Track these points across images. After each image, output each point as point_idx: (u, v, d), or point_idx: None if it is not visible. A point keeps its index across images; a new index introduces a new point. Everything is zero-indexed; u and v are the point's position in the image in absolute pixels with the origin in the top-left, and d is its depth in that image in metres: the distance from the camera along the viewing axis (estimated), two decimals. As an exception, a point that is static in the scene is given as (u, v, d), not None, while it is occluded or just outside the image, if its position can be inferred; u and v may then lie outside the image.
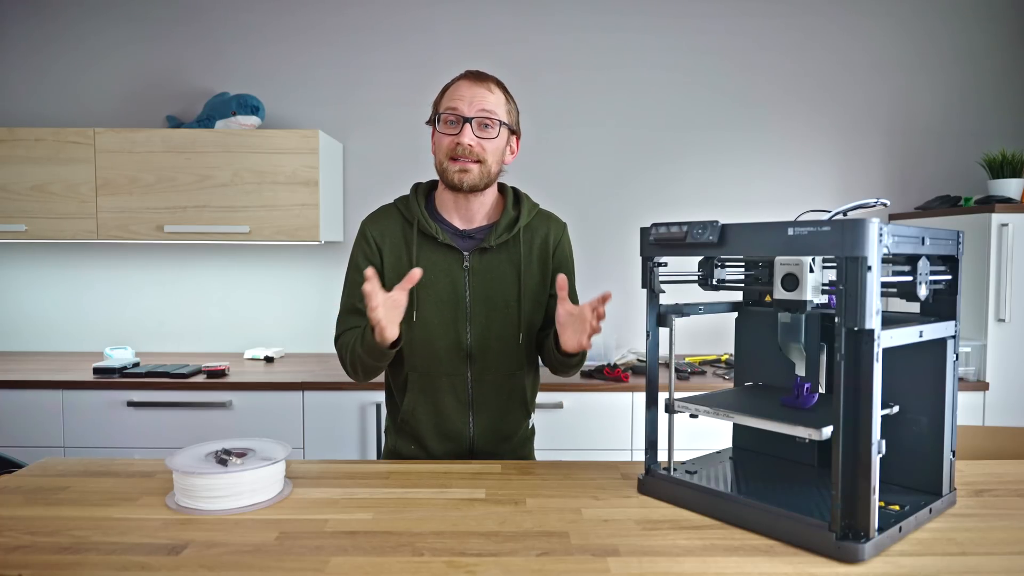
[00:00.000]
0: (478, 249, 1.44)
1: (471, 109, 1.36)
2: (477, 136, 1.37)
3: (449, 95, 1.39)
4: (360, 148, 2.99)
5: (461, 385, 1.46)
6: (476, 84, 1.38)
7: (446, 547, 0.97)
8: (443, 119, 1.39)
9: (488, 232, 1.45)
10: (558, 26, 2.98)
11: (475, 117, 1.36)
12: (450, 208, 1.46)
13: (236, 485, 1.10)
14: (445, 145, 1.38)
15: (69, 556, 0.94)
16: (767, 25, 2.99)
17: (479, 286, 1.44)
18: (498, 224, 1.45)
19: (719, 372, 2.64)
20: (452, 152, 1.37)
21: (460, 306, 1.43)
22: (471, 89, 1.38)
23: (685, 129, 3.01)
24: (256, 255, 3.01)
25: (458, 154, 1.36)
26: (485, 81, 1.40)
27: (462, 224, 1.46)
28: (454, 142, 1.36)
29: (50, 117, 2.97)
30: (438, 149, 1.40)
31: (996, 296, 2.44)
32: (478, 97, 1.37)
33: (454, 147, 1.36)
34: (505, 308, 1.45)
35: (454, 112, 1.37)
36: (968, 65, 3.01)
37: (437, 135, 1.41)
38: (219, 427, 2.39)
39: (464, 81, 1.39)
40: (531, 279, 1.47)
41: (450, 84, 1.42)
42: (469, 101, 1.36)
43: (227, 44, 2.97)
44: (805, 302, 1.01)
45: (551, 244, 1.50)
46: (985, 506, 1.13)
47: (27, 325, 3.02)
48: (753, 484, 1.13)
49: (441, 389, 1.46)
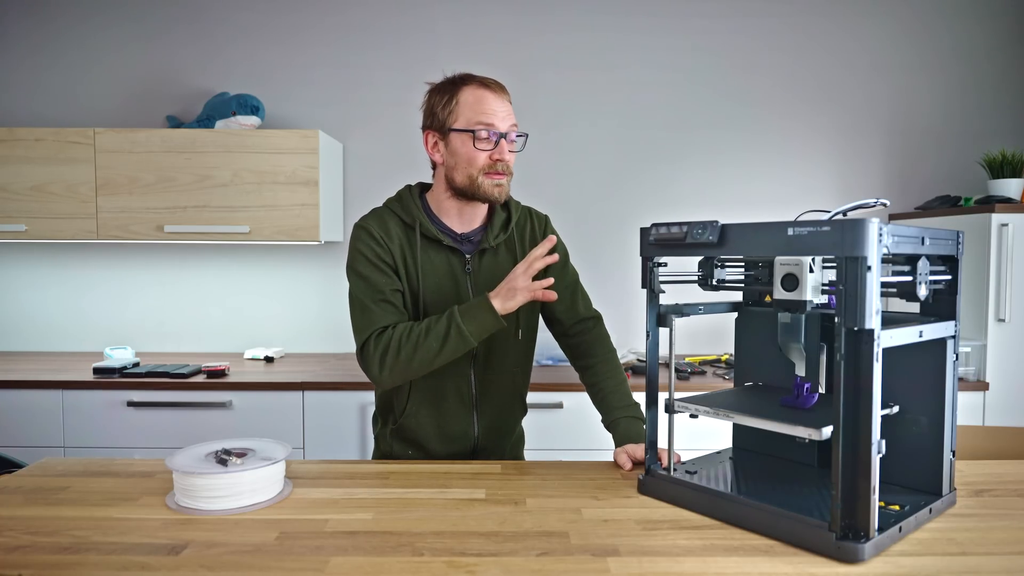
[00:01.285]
0: (478, 251, 1.45)
1: (505, 124, 1.36)
2: (510, 151, 1.38)
3: (477, 108, 1.35)
4: (360, 148, 2.99)
5: (465, 386, 1.46)
6: (502, 97, 1.38)
7: (446, 547, 0.97)
8: (478, 135, 1.35)
9: (484, 233, 1.46)
10: (558, 26, 2.98)
11: (509, 132, 1.37)
12: (451, 213, 1.45)
13: (236, 485, 1.10)
14: (481, 161, 1.36)
15: (69, 556, 0.94)
16: (767, 25, 2.99)
17: (481, 286, 1.44)
18: (493, 225, 1.46)
19: (719, 372, 2.64)
20: (490, 167, 1.36)
21: None
22: (500, 103, 1.36)
23: (685, 129, 3.01)
24: (256, 255, 3.01)
25: (498, 170, 1.36)
26: (504, 90, 1.39)
27: (460, 228, 1.46)
28: (493, 158, 1.36)
29: (50, 117, 2.97)
30: (470, 163, 1.36)
31: (996, 296, 2.44)
32: (507, 110, 1.37)
33: (492, 163, 1.36)
34: None
35: (492, 128, 1.35)
36: (968, 65, 3.01)
37: (466, 148, 1.36)
38: (219, 427, 2.39)
39: (489, 93, 1.36)
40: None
41: (460, 91, 1.37)
42: (503, 116, 1.36)
43: (227, 44, 2.97)
44: (805, 302, 1.00)
45: (539, 237, 1.52)
46: (985, 506, 1.13)
47: (27, 325, 3.02)
48: (753, 484, 1.13)
49: (445, 391, 1.45)
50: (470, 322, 1.29)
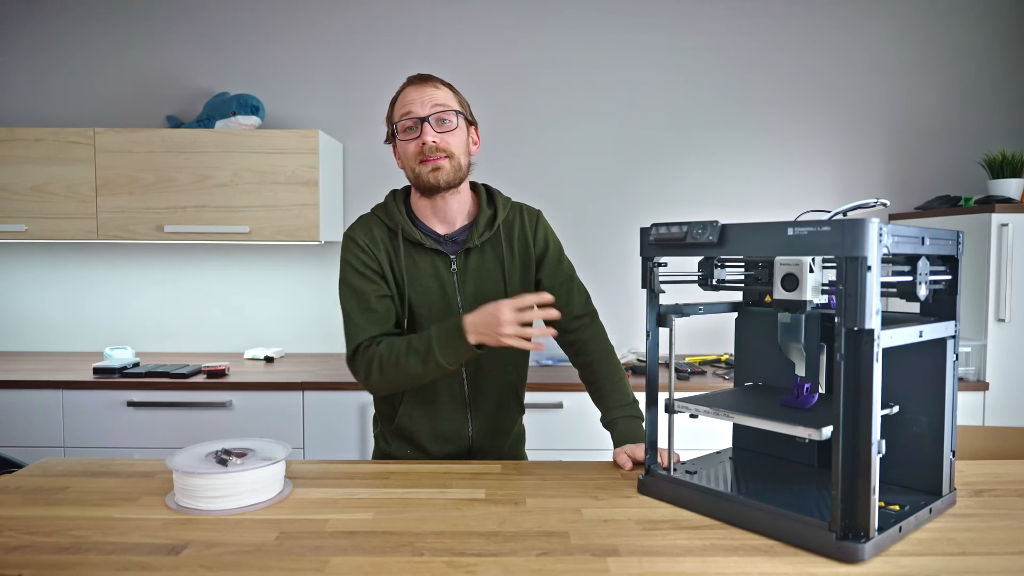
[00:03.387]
0: (463, 250, 1.44)
1: (424, 108, 1.36)
2: (438, 132, 1.37)
3: (400, 104, 1.40)
4: (360, 148, 2.99)
5: (458, 386, 1.47)
6: (422, 85, 1.39)
7: (446, 547, 0.97)
8: (401, 127, 1.38)
9: (469, 232, 1.45)
10: (557, 26, 2.98)
11: (431, 114, 1.36)
12: (429, 214, 1.45)
13: (236, 485, 1.10)
14: (411, 151, 1.38)
15: (69, 556, 0.94)
16: (767, 25, 2.99)
17: (468, 286, 1.44)
18: (477, 223, 1.45)
19: (719, 372, 2.64)
20: (420, 155, 1.37)
21: (452, 308, 1.44)
22: (419, 91, 1.38)
23: (685, 129, 3.01)
24: (256, 255, 3.01)
25: (426, 154, 1.36)
26: (430, 80, 1.40)
27: (443, 229, 1.46)
28: (419, 144, 1.36)
29: (50, 117, 2.97)
30: (405, 158, 1.40)
31: (996, 296, 2.44)
32: (427, 95, 1.37)
33: (420, 149, 1.36)
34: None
35: (409, 116, 1.37)
36: (968, 65, 3.01)
37: (400, 145, 1.40)
38: (219, 427, 2.39)
39: (409, 87, 1.40)
40: (515, 272, 1.47)
41: (396, 96, 1.42)
42: (421, 102, 1.36)
43: (227, 44, 2.97)
44: (805, 302, 1.01)
45: (529, 233, 1.50)
46: (985, 506, 1.13)
47: (27, 325, 3.02)
48: (753, 484, 1.13)
49: (438, 392, 1.46)
50: (447, 353, 1.29)
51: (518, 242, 1.49)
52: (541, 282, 1.50)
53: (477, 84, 2.85)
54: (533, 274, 1.50)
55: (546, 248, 1.51)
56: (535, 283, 1.51)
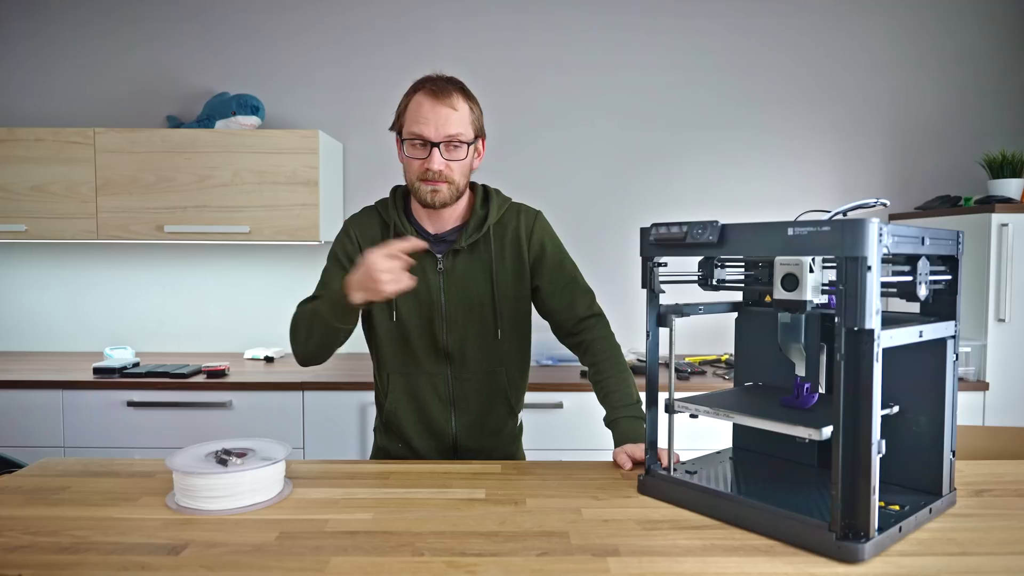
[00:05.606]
0: (451, 251, 1.44)
1: (438, 134, 1.32)
2: (445, 159, 1.35)
3: (412, 116, 1.35)
4: (360, 148, 2.99)
5: (442, 383, 1.48)
6: (439, 103, 1.32)
7: (446, 547, 0.97)
8: (408, 144, 1.36)
9: (459, 234, 1.45)
10: (558, 26, 2.98)
11: (443, 142, 1.34)
12: (423, 214, 1.46)
13: (236, 485, 1.10)
14: (415, 167, 1.36)
15: (69, 556, 0.94)
16: (767, 25, 2.99)
17: (453, 287, 1.44)
18: (468, 224, 1.45)
19: (719, 372, 2.64)
20: (422, 175, 1.35)
21: (436, 308, 1.45)
22: (435, 110, 1.32)
23: (685, 129, 3.01)
24: (256, 255, 3.01)
25: (428, 177, 1.35)
26: (448, 96, 1.33)
27: (433, 228, 1.46)
28: (423, 167, 1.35)
29: (50, 117, 2.97)
30: (407, 168, 1.39)
31: (996, 296, 2.44)
32: (442, 119, 1.32)
33: (424, 171, 1.35)
34: (480, 307, 1.46)
35: (420, 137, 1.34)
36: (968, 65, 3.01)
37: (405, 156, 1.38)
38: (219, 427, 2.39)
39: (426, 100, 1.34)
40: (505, 275, 1.46)
41: (411, 98, 1.37)
42: (435, 126, 1.32)
43: (227, 44, 2.97)
44: (805, 302, 1.00)
45: (523, 236, 1.48)
46: (985, 506, 1.13)
47: (27, 325, 3.02)
48: (753, 484, 1.13)
49: (423, 388, 1.48)
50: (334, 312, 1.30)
51: (510, 244, 1.47)
52: (540, 287, 1.49)
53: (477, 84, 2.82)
54: (528, 277, 1.49)
55: (542, 251, 1.49)
56: (534, 288, 1.50)
